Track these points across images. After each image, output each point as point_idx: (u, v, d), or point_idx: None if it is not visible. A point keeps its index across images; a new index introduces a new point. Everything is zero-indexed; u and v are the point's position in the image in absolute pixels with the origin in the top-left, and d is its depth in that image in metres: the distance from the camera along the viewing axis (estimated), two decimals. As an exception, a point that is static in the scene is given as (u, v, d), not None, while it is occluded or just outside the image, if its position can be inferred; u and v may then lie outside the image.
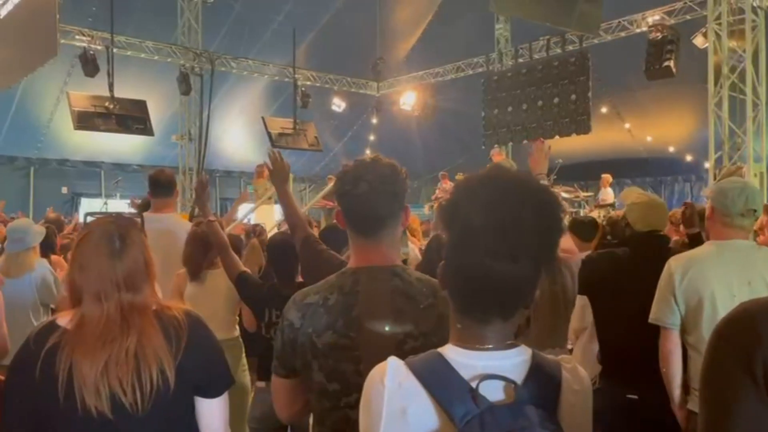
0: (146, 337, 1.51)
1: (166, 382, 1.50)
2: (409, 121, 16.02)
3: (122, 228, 1.62)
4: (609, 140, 15.34)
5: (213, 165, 16.46)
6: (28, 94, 13.25)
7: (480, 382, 0.99)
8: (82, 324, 1.53)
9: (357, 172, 1.58)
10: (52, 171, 16.15)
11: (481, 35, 13.72)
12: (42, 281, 3.88)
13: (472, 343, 1.05)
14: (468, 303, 1.06)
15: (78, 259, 1.58)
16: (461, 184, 1.09)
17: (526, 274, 1.01)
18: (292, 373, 1.56)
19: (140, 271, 1.59)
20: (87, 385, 1.47)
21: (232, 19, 13.31)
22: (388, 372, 1.04)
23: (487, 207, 1.01)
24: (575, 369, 1.10)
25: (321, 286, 1.58)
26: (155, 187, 3.63)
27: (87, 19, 11.50)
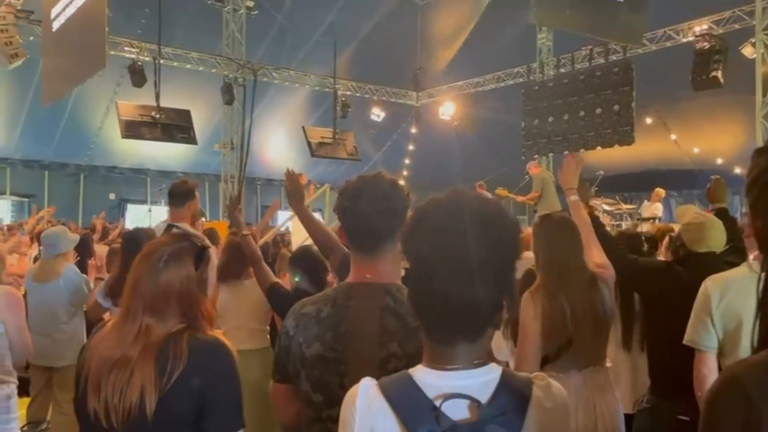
0: (139, 366, 1.54)
1: (143, 411, 1.52)
2: (448, 131, 15.98)
3: (173, 252, 1.64)
4: (654, 151, 14.98)
5: (254, 173, 16.74)
6: (80, 103, 13.73)
7: (443, 402, 1.01)
8: (107, 333, 1.63)
9: (357, 188, 1.59)
10: (100, 177, 16.69)
11: (523, 45, 13.62)
12: (71, 285, 4.01)
13: (441, 364, 1.06)
14: (431, 326, 1.08)
15: (131, 272, 1.66)
16: (417, 212, 1.12)
17: (484, 296, 1.03)
18: (285, 379, 1.58)
19: (172, 296, 1.61)
20: (92, 384, 1.56)
21: (275, 30, 13.56)
22: (359, 393, 1.08)
23: (435, 234, 1.04)
24: (548, 386, 1.09)
25: (318, 298, 1.60)
26: (169, 198, 3.65)
27: (136, 31, 11.89)
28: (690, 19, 10.97)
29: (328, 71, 13.80)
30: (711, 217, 2.89)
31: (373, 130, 16.63)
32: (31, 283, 4.07)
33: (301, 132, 13.40)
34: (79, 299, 4.05)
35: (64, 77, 9.49)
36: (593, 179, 11.39)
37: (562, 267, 2.49)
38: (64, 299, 3.98)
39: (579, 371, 2.46)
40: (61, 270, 3.99)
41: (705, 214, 2.91)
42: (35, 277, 4.02)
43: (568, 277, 2.47)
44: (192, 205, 3.60)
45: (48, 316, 3.95)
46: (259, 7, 12.43)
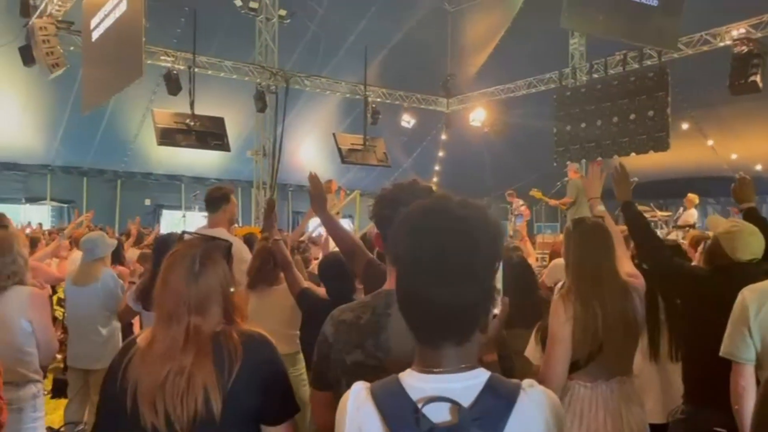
0: (198, 365, 1.55)
1: (210, 412, 1.53)
2: (478, 138, 15.92)
3: (205, 252, 1.66)
4: (690, 157, 14.68)
5: (286, 179, 16.89)
6: (117, 111, 14.08)
7: (425, 405, 1.02)
8: (151, 342, 1.61)
9: (395, 195, 1.61)
10: (136, 183, 17.05)
11: (555, 51, 13.50)
12: (106, 289, 4.10)
13: (428, 367, 1.08)
14: (416, 329, 1.10)
15: (162, 278, 1.66)
16: (401, 216, 1.14)
17: (469, 300, 1.05)
18: (326, 387, 1.59)
19: (213, 295, 1.63)
20: (146, 400, 1.54)
21: (307, 38, 13.70)
22: (350, 396, 1.12)
23: (415, 237, 1.07)
24: (536, 392, 1.09)
25: (357, 305, 1.61)
26: (206, 204, 3.74)
27: (172, 40, 12.14)
28: (727, 23, 10.73)
29: (359, 78, 13.89)
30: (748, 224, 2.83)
31: (404, 137, 16.66)
32: (70, 286, 4.17)
33: (331, 139, 13.50)
34: (115, 304, 4.14)
35: (102, 86, 9.75)
36: (627, 186, 11.18)
37: (594, 272, 2.45)
38: (101, 303, 4.07)
39: (606, 381, 2.42)
40: (99, 274, 4.09)
41: (742, 222, 2.85)
42: (74, 281, 4.13)
43: (600, 282, 2.44)
44: (228, 210, 3.68)
45: (86, 319, 4.05)
46: (292, 16, 12.59)
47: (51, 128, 14.52)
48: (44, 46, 10.28)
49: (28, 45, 10.69)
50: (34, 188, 15.88)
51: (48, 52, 10.32)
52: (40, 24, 10.34)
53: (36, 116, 14.10)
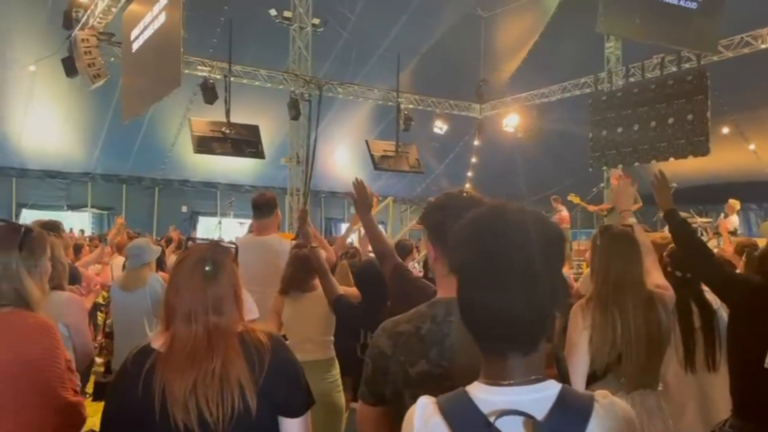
0: (229, 361, 1.59)
1: (247, 406, 1.57)
2: (511, 143, 15.80)
3: (216, 255, 1.72)
4: (731, 162, 14.31)
5: (319, 186, 17.03)
6: (155, 120, 14.40)
7: (498, 418, 0.99)
8: (172, 344, 1.63)
9: (456, 203, 1.60)
10: (173, 191, 17.39)
11: (590, 55, 13.33)
12: (154, 295, 4.16)
13: (495, 379, 1.06)
14: (482, 339, 1.08)
15: (174, 282, 1.70)
16: (461, 225, 1.12)
17: (536, 308, 1.02)
18: (380, 401, 1.57)
19: (229, 296, 1.68)
20: (177, 402, 1.55)
21: (340, 46, 13.82)
22: (417, 411, 1.09)
23: (477, 244, 1.05)
24: (611, 404, 1.05)
25: (412, 315, 1.58)
26: (255, 210, 3.80)
27: (208, 50, 12.38)
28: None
29: (391, 85, 13.93)
30: None
31: (436, 143, 16.62)
32: (117, 291, 4.24)
33: (364, 145, 13.55)
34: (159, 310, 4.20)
35: (142, 96, 9.99)
36: (665, 192, 10.95)
37: (617, 279, 2.40)
38: (148, 308, 4.14)
39: (627, 393, 2.35)
40: (147, 279, 4.16)
41: None
42: (121, 286, 4.20)
43: (623, 290, 2.38)
44: (278, 215, 3.75)
45: (132, 324, 4.10)
46: (325, 24, 12.71)
47: (92, 137, 14.93)
48: (86, 58, 10.58)
49: (70, 56, 11.02)
50: (76, 196, 16.33)
51: (90, 63, 10.62)
52: (82, 36, 10.65)
53: (78, 126, 14.52)
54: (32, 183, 15.63)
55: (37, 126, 14.04)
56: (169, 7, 8.40)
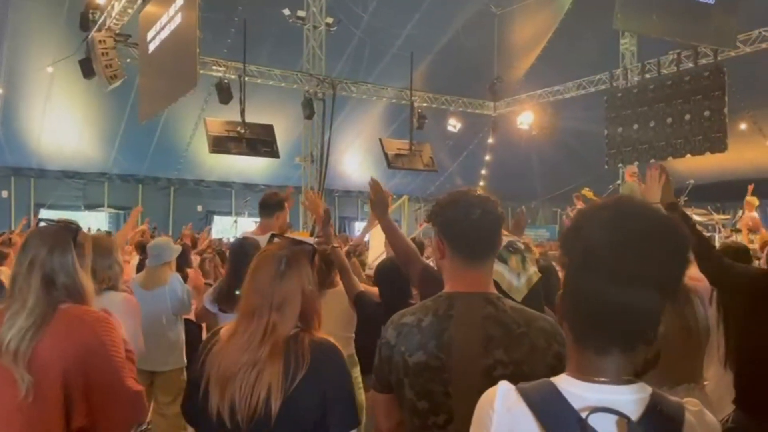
0: (269, 363, 1.61)
1: (268, 413, 1.58)
2: (526, 141, 15.73)
3: (292, 254, 1.74)
4: (749, 159, 14.13)
5: (333, 185, 17.06)
6: (171, 120, 14.50)
7: (590, 414, 0.97)
8: (233, 334, 1.69)
9: (468, 199, 1.64)
10: (189, 190, 17.50)
11: (605, 51, 13.25)
12: (174, 294, 4.20)
13: (588, 375, 1.03)
14: (586, 331, 1.04)
15: (251, 275, 1.74)
16: (585, 210, 1.09)
17: (648, 304, 0.99)
18: (387, 389, 1.63)
19: (295, 296, 1.69)
20: (217, 389, 1.62)
21: (353, 45, 13.84)
22: (498, 396, 1.06)
23: (611, 230, 1.00)
24: (701, 413, 1.04)
25: (418, 308, 1.64)
26: (260, 208, 3.80)
27: (223, 51, 12.45)
28: (788, 18, 10.34)
29: (405, 84, 13.93)
30: None
31: (450, 141, 16.60)
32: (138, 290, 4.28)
33: (378, 144, 13.56)
34: (181, 308, 4.24)
35: (159, 96, 10.07)
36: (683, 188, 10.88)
37: None
38: (167, 307, 4.17)
39: (670, 389, 2.35)
40: (167, 278, 4.20)
41: None
42: (142, 285, 4.24)
43: None
44: (281, 216, 3.73)
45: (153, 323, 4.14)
46: (338, 24, 12.74)
47: (109, 138, 15.07)
48: (103, 59, 10.69)
49: (87, 58, 11.14)
50: (93, 195, 16.49)
51: (107, 64, 10.73)
52: (99, 37, 10.77)
53: (95, 126, 14.66)
54: (50, 183, 15.81)
55: (55, 127, 14.20)
56: (185, 8, 8.46)
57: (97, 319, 1.92)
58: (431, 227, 1.70)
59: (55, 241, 1.95)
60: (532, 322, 1.55)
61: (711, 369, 2.85)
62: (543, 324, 1.55)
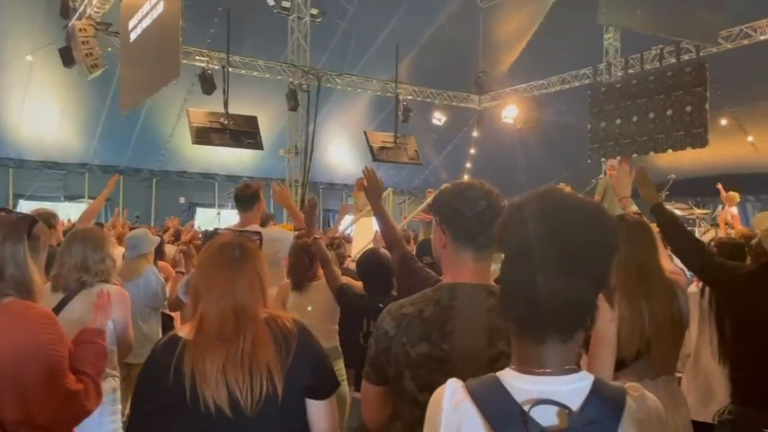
0: (259, 344, 1.63)
1: (274, 389, 1.61)
2: (510, 135, 15.79)
3: (243, 242, 1.79)
4: (729, 154, 14.32)
5: (317, 177, 16.99)
6: (153, 111, 14.34)
7: (532, 407, 0.99)
8: (201, 325, 1.67)
9: (472, 191, 1.63)
10: (171, 182, 17.33)
11: (589, 46, 13.31)
12: (148, 286, 4.17)
13: (530, 367, 1.05)
14: (522, 322, 1.06)
15: (203, 266, 1.76)
16: (515, 202, 1.11)
17: (580, 292, 1.02)
18: (383, 381, 1.61)
19: (255, 281, 1.73)
20: (208, 381, 1.59)
21: (338, 37, 13.76)
22: (446, 394, 1.07)
23: (538, 222, 1.03)
24: (642, 397, 1.05)
25: (417, 298, 1.62)
26: (237, 202, 3.74)
27: (206, 41, 12.32)
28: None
29: (390, 76, 13.90)
30: None
31: (435, 135, 16.61)
32: None
33: (362, 137, 13.53)
34: (155, 300, 4.21)
35: (140, 86, 9.95)
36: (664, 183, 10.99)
37: (640, 269, 2.41)
38: (143, 298, 4.14)
39: (652, 380, 2.38)
40: (142, 270, 4.16)
41: None
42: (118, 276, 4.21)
43: (647, 279, 2.40)
44: (260, 206, 3.71)
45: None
46: (323, 15, 12.66)
47: (89, 128, 14.86)
48: (83, 48, 10.52)
49: (67, 46, 10.96)
50: (73, 186, 16.26)
51: (87, 53, 10.56)
52: (80, 26, 10.59)
53: (75, 116, 14.45)
54: (29, 174, 15.56)
55: (35, 116, 13.97)
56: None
57: (38, 316, 1.89)
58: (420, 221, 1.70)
59: (8, 231, 1.91)
60: None
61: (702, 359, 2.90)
62: None
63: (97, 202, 4.63)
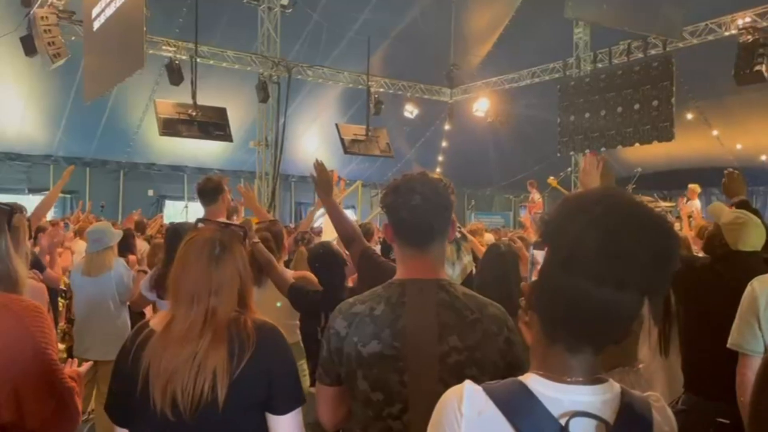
0: (212, 348, 1.56)
1: (215, 397, 1.53)
2: (482, 128, 15.86)
3: (225, 238, 1.70)
4: (695, 148, 14.62)
5: (288, 170, 16.87)
6: (120, 101, 14.05)
7: (570, 419, 0.94)
8: (170, 324, 1.63)
9: (410, 184, 1.61)
10: (139, 174, 17.03)
11: (559, 40, 13.42)
12: (119, 279, 4.08)
13: (559, 374, 0.99)
14: (559, 328, 0.99)
15: (181, 261, 1.68)
16: (573, 200, 1.02)
17: (628, 305, 0.95)
18: (336, 382, 1.59)
19: (232, 280, 1.66)
20: (157, 381, 1.55)
21: (309, 28, 13.64)
22: (465, 399, 0.99)
23: (601, 229, 0.93)
24: (664, 409, 1.04)
25: (368, 296, 1.60)
26: (200, 197, 3.59)
27: (174, 30, 12.09)
28: (733, 12, 10.63)
29: (362, 68, 13.83)
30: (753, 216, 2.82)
31: (407, 127, 16.60)
32: (79, 277, 4.12)
33: (334, 129, 13.46)
34: (126, 293, 4.12)
35: (104, 76, 9.73)
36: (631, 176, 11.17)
37: None
38: (113, 293, 4.05)
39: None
40: (112, 264, 4.06)
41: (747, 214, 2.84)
42: (84, 272, 4.09)
43: None
44: (224, 198, 3.62)
45: (99, 310, 4.01)
46: (294, 6, 12.52)
47: (53, 119, 14.50)
48: (46, 36, 10.23)
49: (29, 35, 10.64)
50: (37, 179, 15.86)
51: (49, 42, 10.27)
52: (42, 14, 10.30)
53: (38, 107, 14.08)
54: (-9, 166, 15.17)
55: (-4, 107, 13.59)
56: (132, -15, 8.17)
57: (26, 308, 1.79)
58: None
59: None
60: (484, 308, 1.54)
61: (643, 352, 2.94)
62: (494, 310, 1.55)
63: (51, 194, 4.41)
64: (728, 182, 3.24)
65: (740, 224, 2.70)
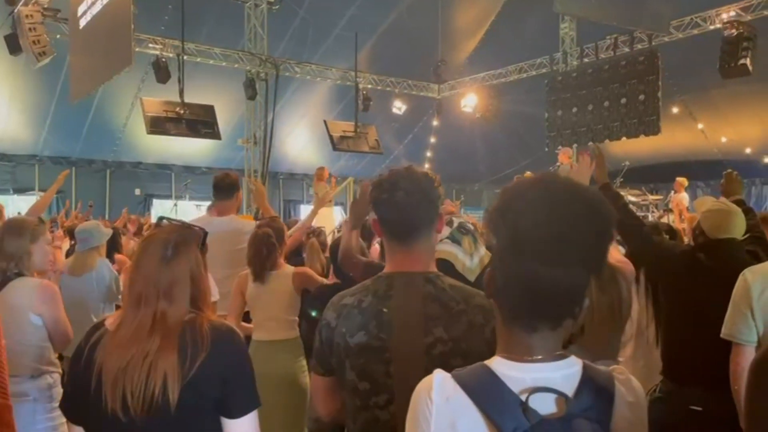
0: (162, 350, 1.54)
1: (166, 400, 1.52)
2: (470, 123, 15.90)
3: (180, 238, 1.67)
4: (680, 141, 14.74)
5: (277, 167, 16.82)
6: (105, 100, 13.91)
7: (530, 395, 0.98)
8: (120, 325, 1.62)
9: (393, 179, 1.64)
10: (126, 173, 16.89)
11: (546, 35, 13.48)
12: (101, 280, 4.06)
13: (520, 354, 1.03)
14: (516, 310, 1.04)
15: (135, 262, 1.68)
16: (510, 189, 1.07)
17: (576, 281, 1.00)
18: (328, 372, 1.63)
19: (183, 282, 1.63)
20: (108, 382, 1.54)
21: (296, 25, 13.59)
22: (434, 386, 1.03)
23: (538, 211, 0.99)
24: (629, 380, 1.07)
25: (357, 289, 1.64)
26: (216, 191, 3.73)
27: (160, 28, 11.99)
28: (717, 6, 10.73)
29: (350, 65, 13.80)
30: (732, 204, 2.86)
31: (395, 123, 16.60)
32: (65, 276, 4.13)
33: (322, 126, 13.42)
34: (108, 294, 4.11)
35: (91, 75, 9.63)
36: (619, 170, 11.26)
37: None
38: (95, 293, 4.03)
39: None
40: (95, 264, 4.05)
41: (726, 202, 2.88)
42: (69, 271, 4.09)
43: None
44: (238, 196, 3.71)
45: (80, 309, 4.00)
46: (280, 2, 12.47)
47: (38, 118, 14.34)
48: (31, 35, 10.12)
49: (14, 33, 10.52)
50: (22, 179, 15.69)
51: (34, 40, 10.16)
52: (26, 12, 10.18)
53: (23, 106, 13.92)
54: (-25, 167, 14.99)
55: (-21, 106, 13.42)
56: (118, -18, 8.09)
57: None
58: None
59: None
60: (470, 299, 1.57)
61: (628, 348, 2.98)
62: (480, 301, 1.57)
63: (46, 196, 4.45)
64: (726, 182, 3.30)
65: (716, 211, 2.74)
